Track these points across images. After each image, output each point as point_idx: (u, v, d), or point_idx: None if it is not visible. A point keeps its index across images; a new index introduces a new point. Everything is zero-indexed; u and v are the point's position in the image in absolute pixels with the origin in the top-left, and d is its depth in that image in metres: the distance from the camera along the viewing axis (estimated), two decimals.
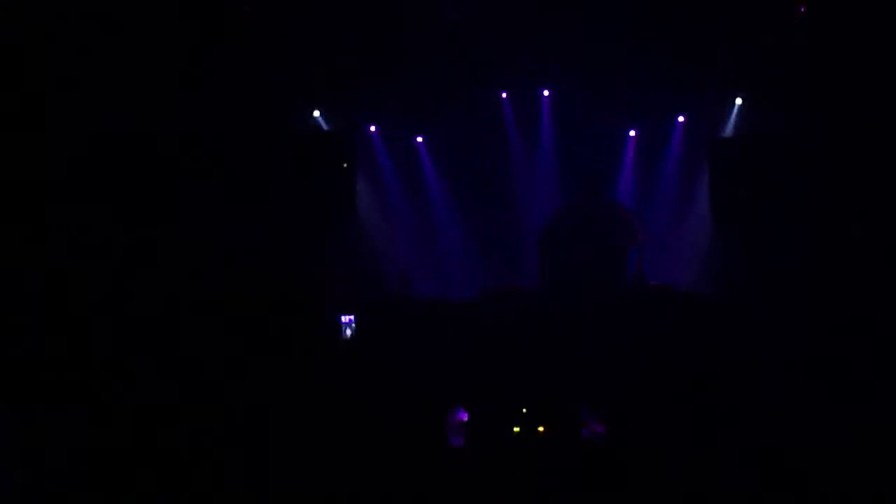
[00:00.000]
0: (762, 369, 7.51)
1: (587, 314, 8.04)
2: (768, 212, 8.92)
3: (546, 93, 11.49)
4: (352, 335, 8.20)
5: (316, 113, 10.62)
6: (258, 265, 7.81)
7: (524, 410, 7.72)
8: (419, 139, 11.65)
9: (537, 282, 9.24)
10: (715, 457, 6.99)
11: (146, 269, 7.67)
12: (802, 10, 9.35)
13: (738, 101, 10.44)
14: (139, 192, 8.02)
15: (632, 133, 11.34)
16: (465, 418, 7.74)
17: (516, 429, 7.67)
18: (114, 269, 7.61)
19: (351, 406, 7.40)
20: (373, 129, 11.37)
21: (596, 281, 8.75)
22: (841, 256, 8.34)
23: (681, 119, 11.06)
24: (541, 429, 7.65)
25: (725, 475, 6.78)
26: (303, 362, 7.00)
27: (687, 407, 7.49)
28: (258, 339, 6.94)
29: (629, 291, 8.61)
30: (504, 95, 11.55)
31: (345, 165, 9.48)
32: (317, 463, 6.65)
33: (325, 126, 10.64)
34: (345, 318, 8.30)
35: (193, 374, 6.92)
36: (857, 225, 8.40)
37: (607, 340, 7.88)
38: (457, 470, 7.37)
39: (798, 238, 8.61)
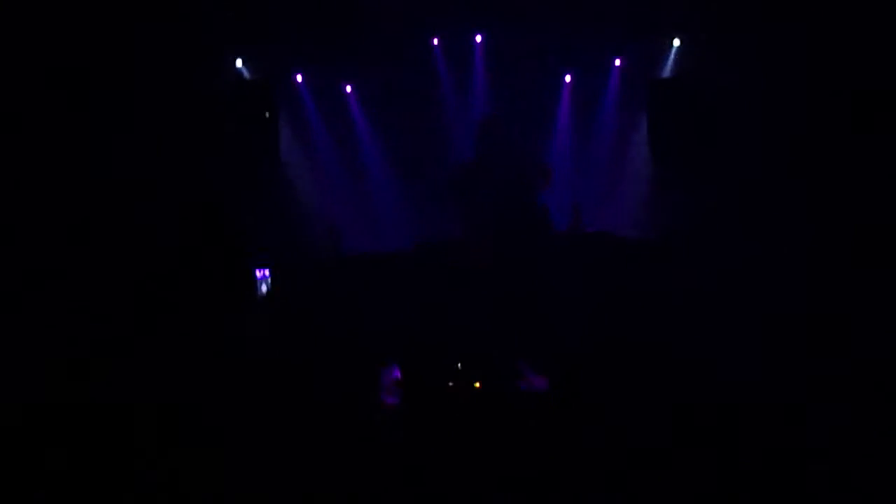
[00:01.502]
0: (706, 315, 7.27)
1: (523, 264, 7.73)
2: (709, 153, 8.67)
3: (479, 38, 11.16)
4: (268, 291, 7.81)
5: (238, 62, 10.19)
6: (176, 215, 7.41)
7: (459, 365, 7.43)
8: (348, 88, 11.30)
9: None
10: (658, 406, 6.75)
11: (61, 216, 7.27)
12: None
13: (676, 42, 10.18)
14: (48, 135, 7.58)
15: (567, 78, 11.08)
16: (399, 376, 7.44)
17: (451, 385, 7.39)
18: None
19: (273, 367, 7.08)
20: (299, 78, 11.00)
21: (515, 229, 8.43)
22: (782, 196, 8.13)
23: (617, 62, 10.82)
24: (477, 384, 7.39)
25: (668, 424, 6.55)
26: (219, 320, 6.63)
27: (628, 356, 7.25)
28: (168, 292, 6.56)
29: (565, 239, 8.31)
30: (435, 42, 11.21)
31: (266, 115, 9.08)
32: (238, 430, 6.32)
33: (247, 75, 10.23)
34: (259, 273, 7.88)
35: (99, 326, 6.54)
36: (797, 164, 8.18)
37: (545, 290, 7.59)
38: (391, 428, 7.11)
39: (740, 179, 8.38)
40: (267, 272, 7.79)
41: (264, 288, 7.77)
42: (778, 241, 7.92)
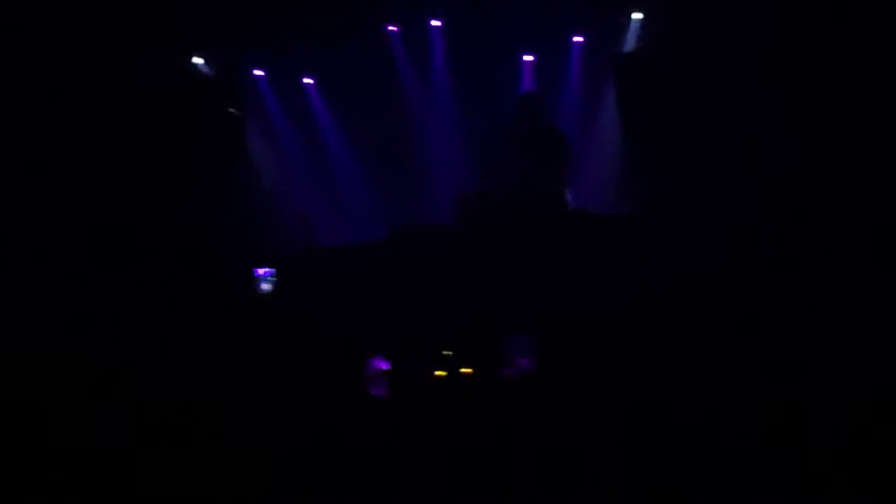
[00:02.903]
0: (687, 289, 7.24)
1: (505, 246, 7.67)
2: (681, 125, 8.63)
3: (436, 23, 11.07)
4: (271, 289, 7.72)
5: (198, 59, 10.03)
6: (151, 221, 7.26)
7: (447, 353, 7.38)
8: (308, 81, 11.18)
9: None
10: (646, 383, 6.74)
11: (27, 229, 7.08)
12: None
13: (637, 16, 10.13)
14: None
15: (528, 58, 11.00)
16: (386, 367, 7.37)
17: (440, 373, 7.33)
18: None
19: (261, 363, 6.98)
20: (259, 73, 10.87)
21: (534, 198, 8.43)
22: (756, 164, 8.11)
23: (578, 40, 10.76)
24: (465, 371, 7.33)
25: (654, 398, 6.54)
26: (215, 321, 6.52)
27: (614, 333, 7.22)
28: (162, 296, 6.43)
29: (548, 217, 8.25)
30: (393, 29, 11.11)
31: (232, 111, 8.94)
32: (232, 423, 6.24)
33: (208, 72, 10.06)
34: (261, 272, 7.79)
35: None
36: (772, 131, 8.17)
37: (528, 271, 7.53)
38: (380, 420, 7.04)
39: (715, 150, 8.36)
40: (270, 271, 7.69)
41: (265, 286, 7.66)
42: (751, 213, 7.91)
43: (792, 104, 8.20)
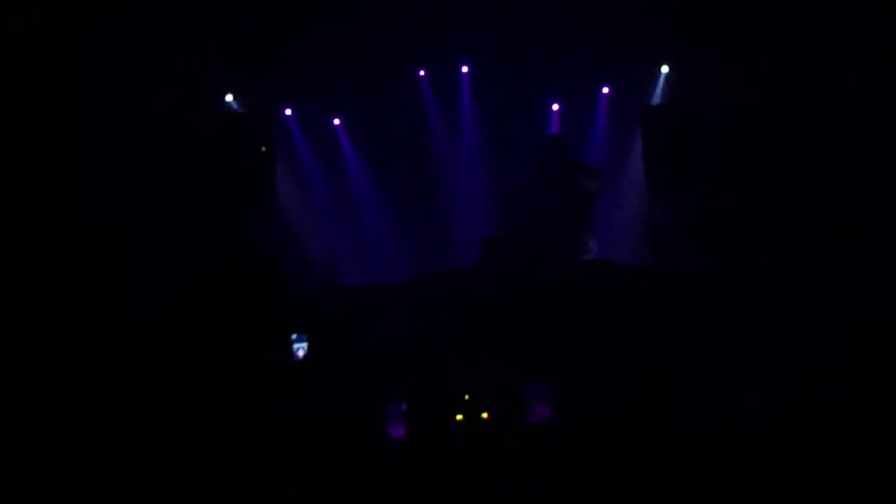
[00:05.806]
0: (714, 341, 7.28)
1: (528, 292, 7.72)
2: (707, 177, 8.68)
3: (465, 68, 11.17)
4: (304, 356, 7.81)
5: (229, 97, 10.14)
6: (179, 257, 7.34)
7: (466, 397, 7.42)
8: (336, 121, 11.28)
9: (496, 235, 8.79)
10: (665, 433, 6.79)
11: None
12: None
13: (665, 69, 10.22)
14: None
15: (555, 107, 11.09)
16: (405, 408, 7.41)
17: (459, 417, 7.36)
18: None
19: (284, 403, 7.04)
20: (288, 111, 10.97)
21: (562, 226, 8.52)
22: (782, 219, 8.16)
23: (605, 90, 10.85)
24: (485, 415, 7.37)
25: (675, 452, 6.58)
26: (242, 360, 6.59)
27: (637, 385, 7.26)
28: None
29: (571, 265, 8.30)
30: (422, 73, 11.22)
31: (263, 149, 9.02)
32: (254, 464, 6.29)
33: (238, 109, 10.16)
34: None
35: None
36: (794, 185, 8.23)
37: (550, 319, 7.58)
38: (398, 461, 7.08)
39: (741, 204, 8.41)
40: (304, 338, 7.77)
41: (301, 353, 7.72)
42: (774, 261, 7.94)
43: (818, 172, 8.26)
